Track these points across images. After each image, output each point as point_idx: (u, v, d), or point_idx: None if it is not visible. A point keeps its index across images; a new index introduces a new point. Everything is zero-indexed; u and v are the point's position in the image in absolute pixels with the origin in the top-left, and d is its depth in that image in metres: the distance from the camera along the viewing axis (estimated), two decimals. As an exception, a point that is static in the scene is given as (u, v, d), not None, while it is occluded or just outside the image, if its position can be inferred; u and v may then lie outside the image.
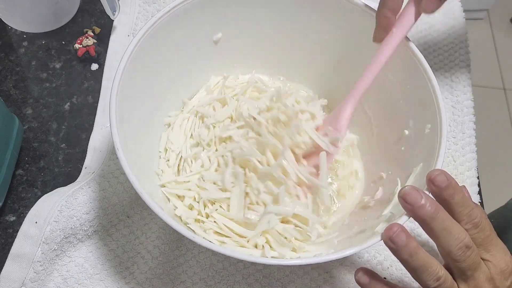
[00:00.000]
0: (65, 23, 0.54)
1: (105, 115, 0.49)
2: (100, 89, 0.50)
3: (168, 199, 0.40)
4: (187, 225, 0.38)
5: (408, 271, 0.33)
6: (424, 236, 0.46)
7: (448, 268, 0.34)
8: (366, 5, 0.41)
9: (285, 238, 0.38)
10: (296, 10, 0.44)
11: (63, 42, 0.53)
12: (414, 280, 0.43)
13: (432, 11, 0.37)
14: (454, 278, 0.33)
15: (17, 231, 0.40)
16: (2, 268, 0.39)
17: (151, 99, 0.42)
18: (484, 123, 0.86)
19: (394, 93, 0.42)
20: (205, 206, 0.39)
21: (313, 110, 0.43)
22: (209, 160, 0.42)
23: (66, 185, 0.44)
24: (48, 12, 0.52)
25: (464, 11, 0.59)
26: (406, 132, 0.41)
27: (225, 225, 0.38)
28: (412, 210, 0.32)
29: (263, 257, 0.35)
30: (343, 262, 0.44)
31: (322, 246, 0.38)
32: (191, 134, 0.44)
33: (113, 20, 0.54)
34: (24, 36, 0.53)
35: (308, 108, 0.43)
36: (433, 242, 0.33)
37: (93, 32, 0.53)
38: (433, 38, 0.57)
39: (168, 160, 0.43)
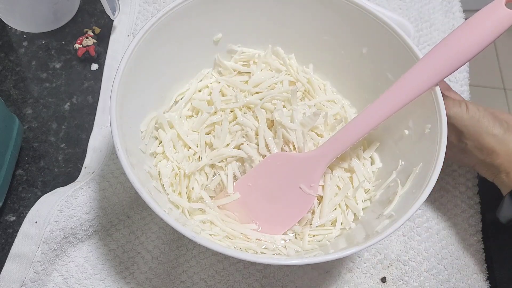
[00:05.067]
0: (65, 23, 0.54)
1: (105, 115, 0.49)
2: (100, 89, 0.50)
3: (175, 206, 0.40)
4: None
5: None
6: (424, 235, 0.46)
7: None
8: (365, 5, 0.41)
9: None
10: (296, 11, 0.44)
11: (63, 42, 0.53)
12: (414, 279, 0.43)
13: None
14: None
15: (17, 231, 0.40)
16: (2, 268, 0.39)
17: (152, 99, 0.42)
18: (484, 123, 0.86)
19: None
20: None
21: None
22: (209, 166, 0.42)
23: (66, 185, 0.44)
24: (48, 12, 0.52)
25: (464, 11, 0.60)
26: (406, 132, 0.41)
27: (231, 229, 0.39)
28: None
29: (263, 257, 0.35)
30: (343, 262, 0.44)
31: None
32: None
33: (113, 20, 0.54)
34: (24, 36, 0.53)
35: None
36: (431, 242, 0.33)
37: (93, 32, 0.53)
38: (433, 37, 0.57)
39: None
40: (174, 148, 0.42)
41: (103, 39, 0.54)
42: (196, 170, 0.41)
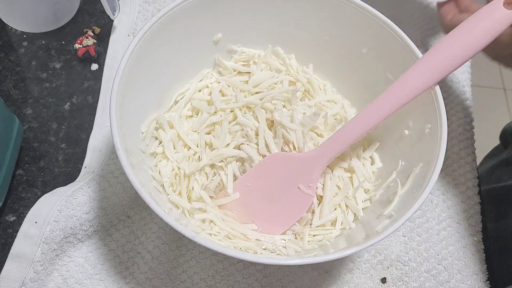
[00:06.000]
0: (65, 23, 0.54)
1: (105, 115, 0.49)
2: (100, 89, 0.50)
3: (175, 205, 0.40)
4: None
5: None
6: (424, 236, 0.46)
7: None
8: (365, 5, 0.41)
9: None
10: (296, 11, 0.44)
11: (63, 42, 0.53)
12: (414, 279, 0.43)
13: None
14: None
15: (17, 231, 0.40)
16: (2, 268, 0.39)
17: (151, 98, 0.42)
18: (484, 123, 0.86)
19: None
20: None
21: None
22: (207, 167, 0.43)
23: (66, 185, 0.44)
24: (48, 12, 0.52)
25: (464, 11, 0.60)
26: (406, 132, 0.41)
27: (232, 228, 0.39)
28: None
29: (263, 257, 0.35)
30: (343, 262, 0.44)
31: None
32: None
33: (113, 20, 0.54)
34: (24, 36, 0.53)
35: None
36: (431, 243, 0.33)
37: (93, 32, 0.53)
38: (433, 38, 0.57)
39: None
40: (174, 148, 0.42)
41: (103, 39, 0.54)
42: (196, 170, 0.41)
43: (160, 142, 0.42)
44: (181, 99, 0.45)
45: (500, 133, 0.62)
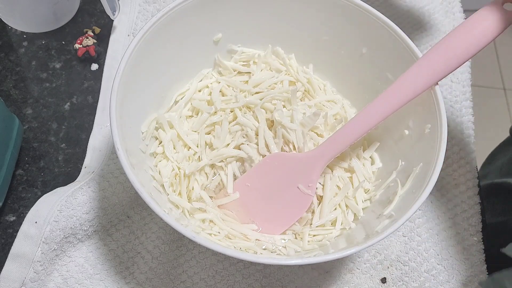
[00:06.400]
0: (65, 23, 0.54)
1: (105, 115, 0.49)
2: (100, 89, 0.50)
3: (174, 205, 0.40)
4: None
5: None
6: (424, 236, 0.46)
7: None
8: (365, 5, 0.41)
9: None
10: (296, 11, 0.44)
11: (63, 42, 0.53)
12: (414, 279, 0.43)
13: None
14: None
15: (17, 231, 0.40)
16: (2, 268, 0.39)
17: (151, 98, 0.42)
18: (484, 123, 0.86)
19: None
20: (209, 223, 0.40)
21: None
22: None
23: (66, 185, 0.44)
24: (48, 12, 0.52)
25: (464, 11, 0.60)
26: (406, 132, 0.41)
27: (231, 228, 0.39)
28: None
29: (263, 257, 0.35)
30: (343, 262, 0.44)
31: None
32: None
33: (113, 20, 0.54)
34: (24, 36, 0.53)
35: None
36: (432, 243, 0.32)
37: (93, 32, 0.53)
38: (433, 38, 0.57)
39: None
40: (174, 148, 0.42)
41: (103, 39, 0.54)
42: (196, 170, 0.41)
43: (160, 142, 0.42)
44: (181, 99, 0.45)
45: (510, 127, 0.62)
